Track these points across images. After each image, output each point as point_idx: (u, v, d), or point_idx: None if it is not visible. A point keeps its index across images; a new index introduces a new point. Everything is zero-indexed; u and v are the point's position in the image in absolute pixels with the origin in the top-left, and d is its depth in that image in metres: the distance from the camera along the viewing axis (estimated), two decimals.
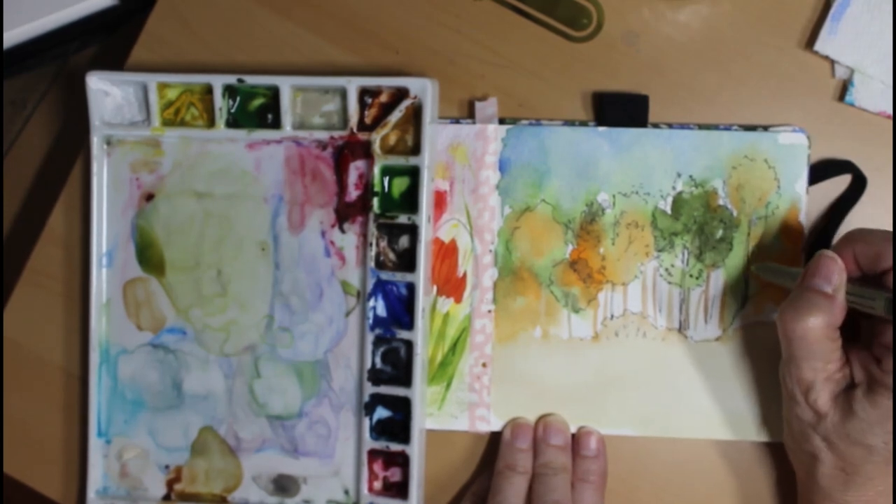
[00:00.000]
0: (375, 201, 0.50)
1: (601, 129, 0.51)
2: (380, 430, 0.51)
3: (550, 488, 0.48)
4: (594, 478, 0.49)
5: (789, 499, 0.51)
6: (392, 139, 0.50)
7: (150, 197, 0.52)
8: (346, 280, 0.51)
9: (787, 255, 0.50)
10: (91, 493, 0.52)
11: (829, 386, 0.44)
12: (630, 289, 0.51)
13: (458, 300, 0.51)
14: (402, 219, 0.50)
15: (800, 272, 0.45)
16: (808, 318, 0.43)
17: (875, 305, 0.42)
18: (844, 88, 0.50)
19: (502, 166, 0.51)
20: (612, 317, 0.51)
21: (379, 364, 0.51)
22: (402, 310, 0.50)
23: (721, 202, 0.50)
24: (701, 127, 0.51)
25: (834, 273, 0.44)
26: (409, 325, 0.50)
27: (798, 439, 0.46)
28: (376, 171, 0.50)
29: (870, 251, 0.44)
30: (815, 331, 0.43)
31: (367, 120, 0.51)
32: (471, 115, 0.52)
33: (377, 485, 0.51)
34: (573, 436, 0.51)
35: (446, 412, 0.51)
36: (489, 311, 0.51)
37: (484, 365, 0.51)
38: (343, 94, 0.50)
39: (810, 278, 0.44)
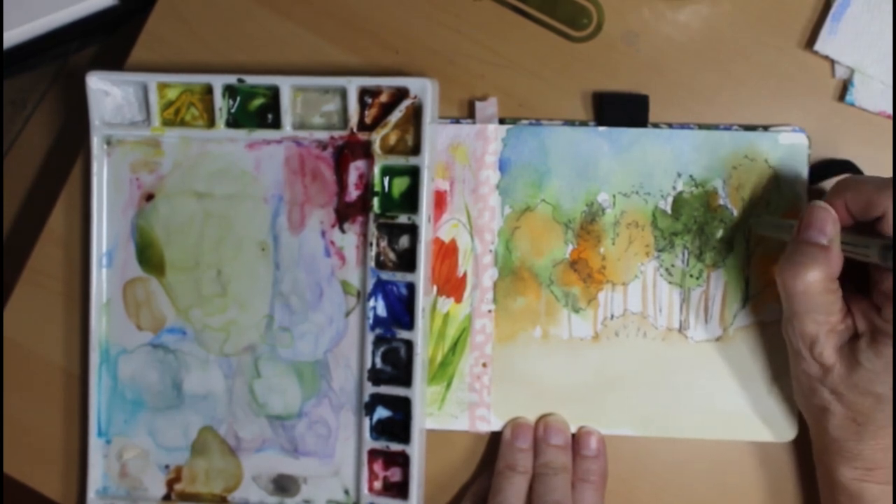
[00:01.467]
0: (375, 201, 0.50)
1: (601, 129, 0.51)
2: (380, 429, 0.51)
3: (551, 488, 0.48)
4: (594, 478, 0.49)
5: (790, 498, 0.51)
6: (392, 139, 0.51)
7: (150, 197, 0.52)
8: (346, 280, 0.51)
9: None
10: (91, 493, 0.52)
11: (832, 338, 0.44)
12: (630, 289, 0.51)
13: (459, 300, 0.51)
14: (403, 219, 0.50)
15: (795, 224, 0.45)
16: (806, 272, 0.43)
17: (869, 253, 0.42)
18: (844, 88, 0.50)
19: (502, 166, 0.51)
20: (612, 317, 0.51)
21: (379, 364, 0.51)
22: (402, 310, 0.50)
23: (721, 202, 0.50)
24: (701, 127, 0.51)
25: (828, 224, 0.43)
26: (410, 324, 0.50)
27: (807, 394, 0.46)
28: (376, 170, 0.50)
29: (861, 199, 0.43)
30: (815, 284, 0.43)
31: (367, 120, 0.51)
32: (471, 115, 0.52)
33: (377, 485, 0.51)
34: (573, 436, 0.51)
35: (446, 412, 0.51)
36: (489, 311, 0.51)
37: (484, 365, 0.51)
38: (343, 94, 0.50)
39: (804, 231, 0.44)
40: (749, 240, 0.50)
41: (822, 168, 0.50)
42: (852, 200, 0.44)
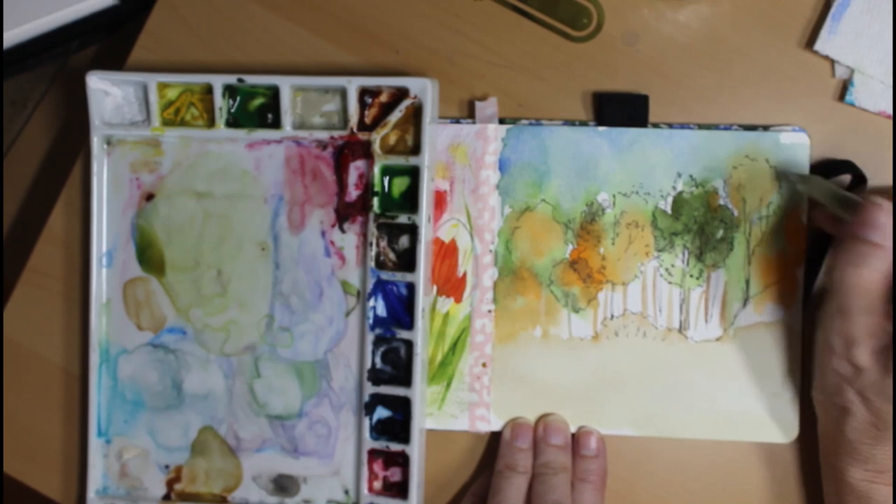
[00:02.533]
0: (375, 201, 0.50)
1: (601, 128, 0.51)
2: (380, 429, 0.51)
3: (550, 488, 0.48)
4: (594, 477, 0.49)
5: (790, 499, 0.51)
6: (392, 139, 0.51)
7: (150, 197, 0.52)
8: (346, 280, 0.51)
9: (789, 255, 0.50)
10: (91, 493, 0.52)
11: (871, 341, 0.43)
12: (630, 289, 0.51)
13: (458, 300, 0.51)
14: (402, 219, 0.50)
15: (848, 197, 0.44)
16: (861, 270, 0.42)
17: None
18: (844, 88, 0.50)
19: (502, 166, 0.51)
20: (612, 317, 0.51)
21: (379, 364, 0.51)
22: (402, 310, 0.50)
23: (722, 202, 0.50)
24: (701, 127, 0.51)
25: (887, 223, 0.43)
26: (409, 324, 0.50)
27: (830, 392, 0.45)
28: (376, 170, 0.50)
29: None
30: (869, 283, 0.42)
31: (367, 120, 0.51)
32: (471, 115, 0.52)
33: (377, 485, 0.51)
34: (573, 435, 0.51)
35: (446, 412, 0.51)
36: (489, 311, 0.51)
37: (484, 365, 0.51)
38: (343, 93, 0.50)
39: (861, 228, 0.43)
40: (749, 240, 0.50)
41: (822, 168, 0.50)
42: None
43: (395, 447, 0.50)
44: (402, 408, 0.50)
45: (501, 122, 0.51)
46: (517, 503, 0.48)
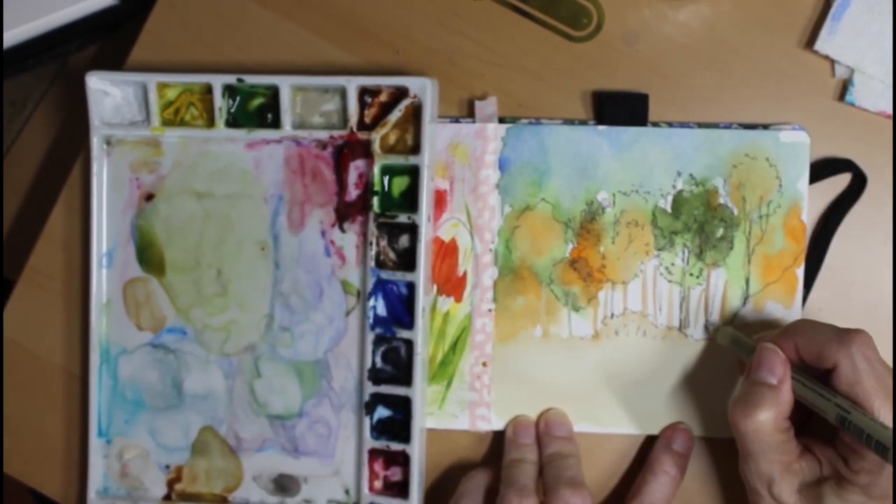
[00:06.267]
0: (375, 200, 0.50)
1: (601, 128, 0.51)
2: (380, 429, 0.51)
3: (564, 467, 0.48)
4: (674, 472, 0.49)
5: None
6: (392, 138, 0.51)
7: (149, 197, 0.52)
8: (346, 279, 0.51)
9: (789, 254, 0.50)
10: (91, 494, 0.52)
11: (788, 478, 0.44)
12: (630, 287, 0.51)
13: (459, 299, 0.51)
14: (402, 218, 0.50)
15: (749, 344, 0.46)
16: (756, 413, 0.43)
17: (827, 413, 0.42)
18: (844, 88, 0.50)
19: (502, 165, 0.51)
20: (612, 315, 0.51)
21: (379, 363, 0.51)
22: (402, 309, 0.50)
23: (721, 201, 0.50)
24: (701, 126, 0.51)
25: (776, 364, 0.44)
26: (410, 324, 0.50)
27: None
28: (376, 170, 0.50)
29: (812, 348, 0.44)
30: (766, 423, 0.43)
31: (367, 119, 0.51)
32: (471, 114, 0.52)
33: (378, 484, 0.51)
34: (664, 430, 0.50)
35: (447, 411, 0.51)
36: (489, 311, 0.51)
37: (484, 364, 0.51)
38: (343, 93, 0.50)
39: (755, 371, 0.44)
40: (749, 238, 0.50)
41: (822, 167, 0.50)
42: (804, 347, 0.44)
43: (396, 447, 0.50)
44: (403, 407, 0.50)
45: (501, 121, 0.51)
46: (531, 486, 0.47)
